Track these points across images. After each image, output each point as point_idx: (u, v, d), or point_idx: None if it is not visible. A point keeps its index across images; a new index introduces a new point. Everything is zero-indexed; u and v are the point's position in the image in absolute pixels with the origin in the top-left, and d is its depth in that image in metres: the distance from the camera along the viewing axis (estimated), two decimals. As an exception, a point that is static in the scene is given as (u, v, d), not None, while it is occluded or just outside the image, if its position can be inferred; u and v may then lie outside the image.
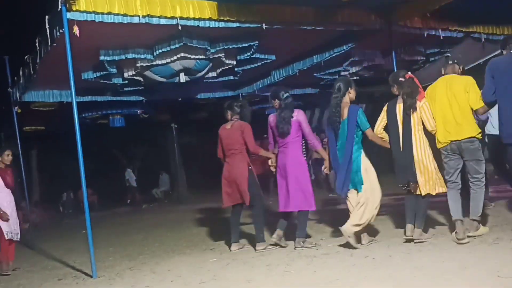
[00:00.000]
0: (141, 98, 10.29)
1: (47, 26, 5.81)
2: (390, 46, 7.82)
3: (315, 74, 10.20)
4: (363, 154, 5.08)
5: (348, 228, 4.93)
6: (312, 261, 4.68)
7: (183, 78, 7.98)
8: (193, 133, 19.68)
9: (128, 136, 17.32)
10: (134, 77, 8.05)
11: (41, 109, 10.50)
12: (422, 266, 3.93)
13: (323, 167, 5.62)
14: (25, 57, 7.39)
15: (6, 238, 6.32)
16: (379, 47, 9.07)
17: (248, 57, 8.04)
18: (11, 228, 6.40)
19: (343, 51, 8.45)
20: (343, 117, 5.10)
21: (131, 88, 9.14)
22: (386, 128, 5.23)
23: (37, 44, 6.55)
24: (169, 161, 17.54)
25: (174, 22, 5.92)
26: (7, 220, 6.31)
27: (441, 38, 8.13)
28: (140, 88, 9.09)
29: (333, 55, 8.58)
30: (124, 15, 5.58)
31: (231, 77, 9.35)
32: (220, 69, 8.42)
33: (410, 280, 3.61)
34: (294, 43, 8.09)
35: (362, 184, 5.02)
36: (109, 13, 5.47)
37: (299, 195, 5.33)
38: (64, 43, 5.16)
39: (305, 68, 9.32)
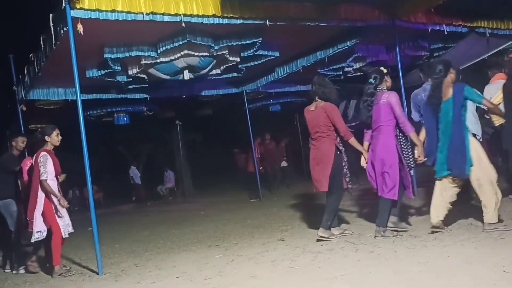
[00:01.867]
0: (146, 95, 10.32)
1: (51, 24, 5.83)
2: (394, 41, 7.81)
3: (319, 70, 10.19)
4: (469, 133, 4.89)
5: (490, 218, 4.73)
6: (316, 256, 4.69)
7: (187, 75, 7.99)
8: (198, 130, 19.71)
9: (133, 133, 17.36)
10: (138, 75, 8.07)
11: (46, 107, 10.54)
12: (427, 261, 3.93)
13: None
14: (30, 56, 7.42)
15: (64, 237, 5.62)
16: (383, 42, 9.05)
17: (252, 54, 8.04)
18: (66, 223, 5.68)
19: (346, 47, 8.43)
20: (445, 98, 4.95)
21: (136, 86, 9.16)
22: None
23: (41, 43, 6.58)
24: (174, 158, 17.58)
25: (177, 19, 5.93)
26: (66, 207, 5.63)
27: (446, 33, 8.10)
28: (145, 85, 9.12)
29: (337, 51, 8.57)
30: (128, 12, 5.59)
31: (235, 74, 9.35)
32: (224, 66, 8.43)
33: (415, 275, 3.61)
34: (298, 40, 8.08)
35: (471, 165, 4.82)
36: (113, 11, 5.48)
37: (382, 181, 5.15)
38: (68, 41, 5.17)
39: (309, 64, 9.31)
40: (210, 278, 4.41)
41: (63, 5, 5.14)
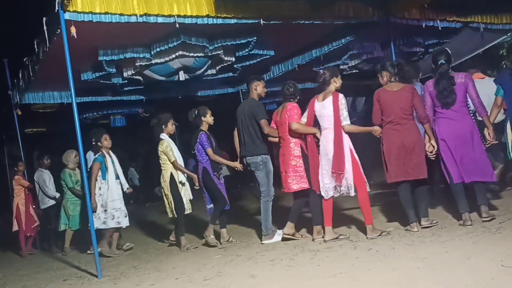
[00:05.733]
0: (141, 97, 10.28)
1: (45, 27, 5.81)
2: (389, 38, 7.80)
3: (314, 69, 10.16)
4: None
5: None
6: (315, 255, 4.70)
7: (182, 76, 7.97)
8: (194, 130, 19.68)
9: (130, 135, 17.31)
10: (134, 77, 8.04)
11: (41, 110, 10.49)
12: (425, 257, 3.94)
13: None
14: (24, 59, 7.39)
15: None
16: (377, 39, 9.04)
17: (246, 53, 8.02)
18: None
19: (341, 45, 8.43)
20: None
21: (131, 88, 9.12)
22: None
23: (35, 46, 6.55)
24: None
25: (171, 20, 5.91)
26: None
27: (440, 29, 8.11)
28: (140, 87, 9.09)
29: (332, 49, 8.56)
30: (121, 14, 5.56)
31: (231, 74, 9.33)
32: (219, 66, 8.41)
33: (414, 271, 3.62)
34: (293, 38, 8.07)
35: None
36: (106, 13, 5.45)
37: (476, 164, 4.94)
38: (62, 44, 5.15)
39: (304, 62, 9.29)
40: (209, 279, 4.41)
41: (56, 8, 5.13)
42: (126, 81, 8.47)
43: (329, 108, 5.20)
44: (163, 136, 6.66)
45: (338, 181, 5.12)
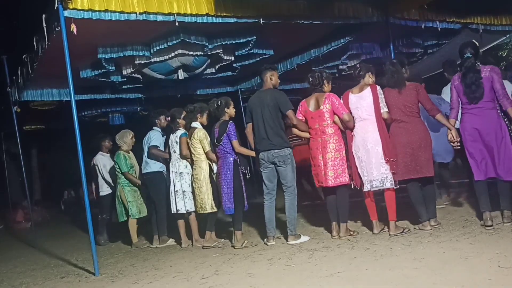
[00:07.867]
0: (140, 95, 10.29)
1: (44, 24, 5.80)
2: (388, 38, 7.82)
3: (313, 68, 10.17)
4: None
5: None
6: (313, 254, 4.70)
7: (181, 74, 7.97)
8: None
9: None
10: (133, 75, 8.04)
11: (40, 108, 10.49)
12: (423, 258, 3.95)
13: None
14: (23, 56, 7.38)
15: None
16: (376, 40, 9.06)
17: (246, 52, 8.03)
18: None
19: (340, 45, 8.44)
20: None
21: (130, 86, 9.13)
22: None
23: (34, 43, 6.55)
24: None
25: (171, 18, 5.92)
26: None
27: (439, 30, 8.12)
28: (139, 85, 9.09)
29: (331, 49, 8.57)
30: (121, 12, 5.57)
31: (230, 73, 9.33)
32: (219, 65, 8.42)
33: (411, 271, 3.63)
34: (292, 38, 8.08)
35: None
36: (106, 11, 5.46)
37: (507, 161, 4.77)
38: (61, 42, 5.15)
39: (303, 62, 9.31)
40: (206, 277, 4.41)
41: (56, 5, 5.12)
42: (125, 79, 8.47)
43: (368, 99, 5.16)
44: (196, 124, 6.19)
45: (392, 168, 5.05)
